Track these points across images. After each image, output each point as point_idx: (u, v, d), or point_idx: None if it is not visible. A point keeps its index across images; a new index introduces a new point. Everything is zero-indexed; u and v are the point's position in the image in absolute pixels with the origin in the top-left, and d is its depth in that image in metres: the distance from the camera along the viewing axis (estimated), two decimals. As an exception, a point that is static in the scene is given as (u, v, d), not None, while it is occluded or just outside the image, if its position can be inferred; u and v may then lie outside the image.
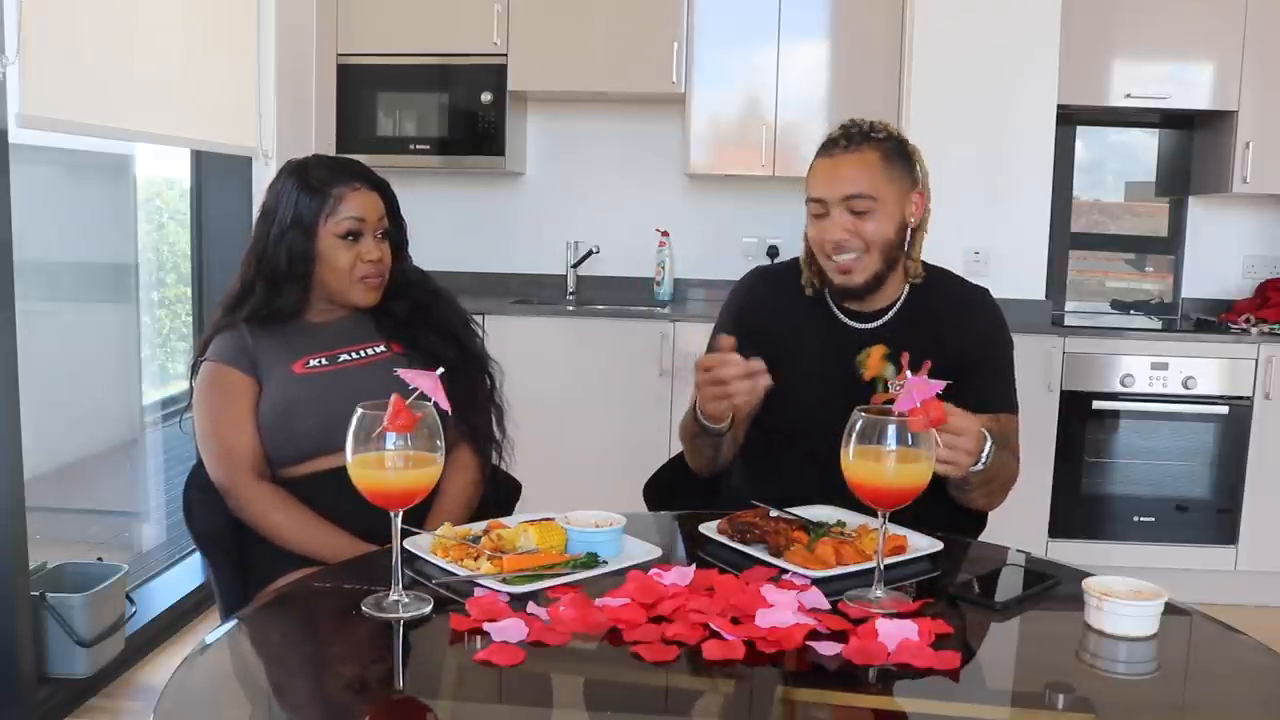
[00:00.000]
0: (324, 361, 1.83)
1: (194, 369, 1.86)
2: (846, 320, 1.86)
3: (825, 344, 1.84)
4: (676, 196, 4.28)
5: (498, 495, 1.95)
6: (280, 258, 1.80)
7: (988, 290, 1.92)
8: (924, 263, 1.86)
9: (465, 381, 1.85)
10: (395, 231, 1.90)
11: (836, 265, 1.77)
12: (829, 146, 1.80)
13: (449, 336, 1.91)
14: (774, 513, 1.57)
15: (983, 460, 1.61)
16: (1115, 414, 3.60)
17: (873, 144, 1.77)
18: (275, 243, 1.81)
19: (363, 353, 1.86)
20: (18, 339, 2.34)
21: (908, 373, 1.42)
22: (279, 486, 1.77)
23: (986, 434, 1.61)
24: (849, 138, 1.78)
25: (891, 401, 1.40)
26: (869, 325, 1.84)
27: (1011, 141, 3.59)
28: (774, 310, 1.90)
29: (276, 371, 1.81)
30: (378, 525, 1.33)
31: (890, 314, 1.85)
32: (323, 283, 1.84)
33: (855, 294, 1.81)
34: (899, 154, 1.79)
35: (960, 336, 1.81)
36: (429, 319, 1.92)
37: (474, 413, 1.89)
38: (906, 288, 1.86)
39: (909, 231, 1.80)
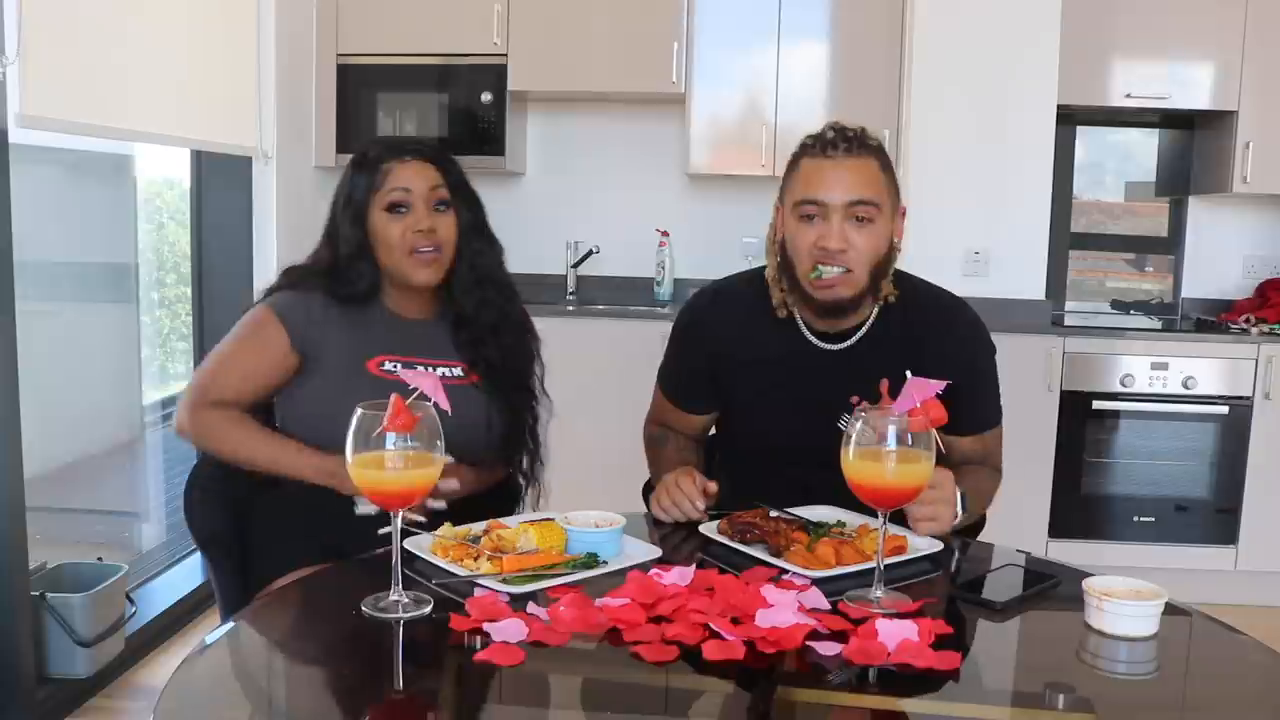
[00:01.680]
0: (399, 367, 1.76)
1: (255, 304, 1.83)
2: (815, 341, 1.77)
3: (792, 366, 1.77)
4: (676, 196, 4.28)
5: (499, 496, 1.95)
6: (340, 240, 1.78)
7: (963, 301, 1.83)
8: (896, 273, 1.76)
9: (510, 409, 1.85)
10: (465, 208, 1.82)
11: (819, 282, 1.67)
12: (826, 148, 1.66)
13: (515, 370, 1.87)
14: (774, 513, 1.57)
15: (959, 514, 1.60)
16: (1115, 414, 3.60)
17: (870, 152, 1.68)
18: (336, 227, 1.80)
19: (442, 370, 1.79)
20: (18, 339, 2.34)
21: (908, 374, 1.41)
22: (237, 410, 1.75)
23: (956, 489, 1.59)
24: (847, 141, 1.66)
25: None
26: (838, 346, 1.76)
27: (1011, 141, 3.58)
28: (735, 330, 1.82)
29: (343, 358, 1.76)
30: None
31: (860, 333, 1.75)
32: (385, 264, 1.79)
33: (836, 311, 1.71)
34: (889, 167, 1.71)
35: (938, 355, 1.67)
36: (501, 342, 1.86)
37: (512, 444, 1.88)
38: (877, 307, 1.76)
39: (893, 251, 1.72)
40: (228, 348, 1.79)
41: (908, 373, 1.41)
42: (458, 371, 1.82)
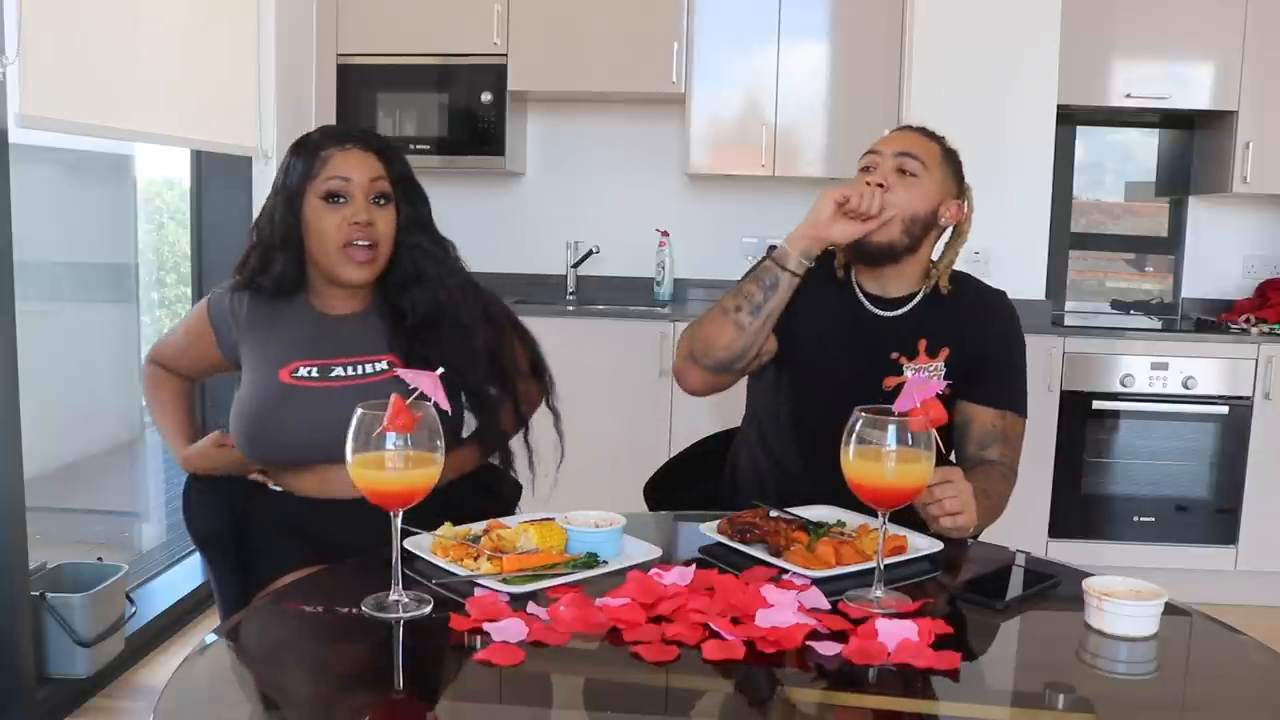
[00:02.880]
0: (314, 373, 1.70)
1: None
2: (870, 306, 1.87)
3: (846, 325, 1.86)
4: (676, 196, 4.28)
5: (498, 496, 1.95)
6: (271, 226, 1.70)
7: (1004, 293, 1.94)
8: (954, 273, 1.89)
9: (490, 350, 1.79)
10: (406, 202, 1.74)
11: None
12: (896, 128, 1.92)
13: (459, 361, 1.70)
14: (774, 513, 1.57)
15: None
16: (1115, 414, 3.60)
17: (936, 139, 1.87)
18: (268, 212, 1.71)
19: (359, 368, 1.72)
20: (18, 339, 2.34)
21: (925, 357, 1.43)
22: (170, 373, 1.89)
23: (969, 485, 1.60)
24: (918, 128, 1.89)
25: (900, 386, 1.41)
26: (892, 313, 1.86)
27: (1011, 141, 3.58)
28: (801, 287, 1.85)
29: (260, 367, 1.71)
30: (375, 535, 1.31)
31: (913, 303, 1.86)
32: (313, 256, 1.70)
33: (867, 253, 1.80)
34: (953, 162, 1.88)
35: (979, 337, 1.84)
36: (441, 335, 1.73)
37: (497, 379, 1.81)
38: (925, 287, 1.87)
39: (937, 232, 1.85)
40: (181, 324, 1.90)
41: (908, 373, 1.42)
42: (381, 365, 1.72)
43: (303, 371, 1.70)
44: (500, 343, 1.84)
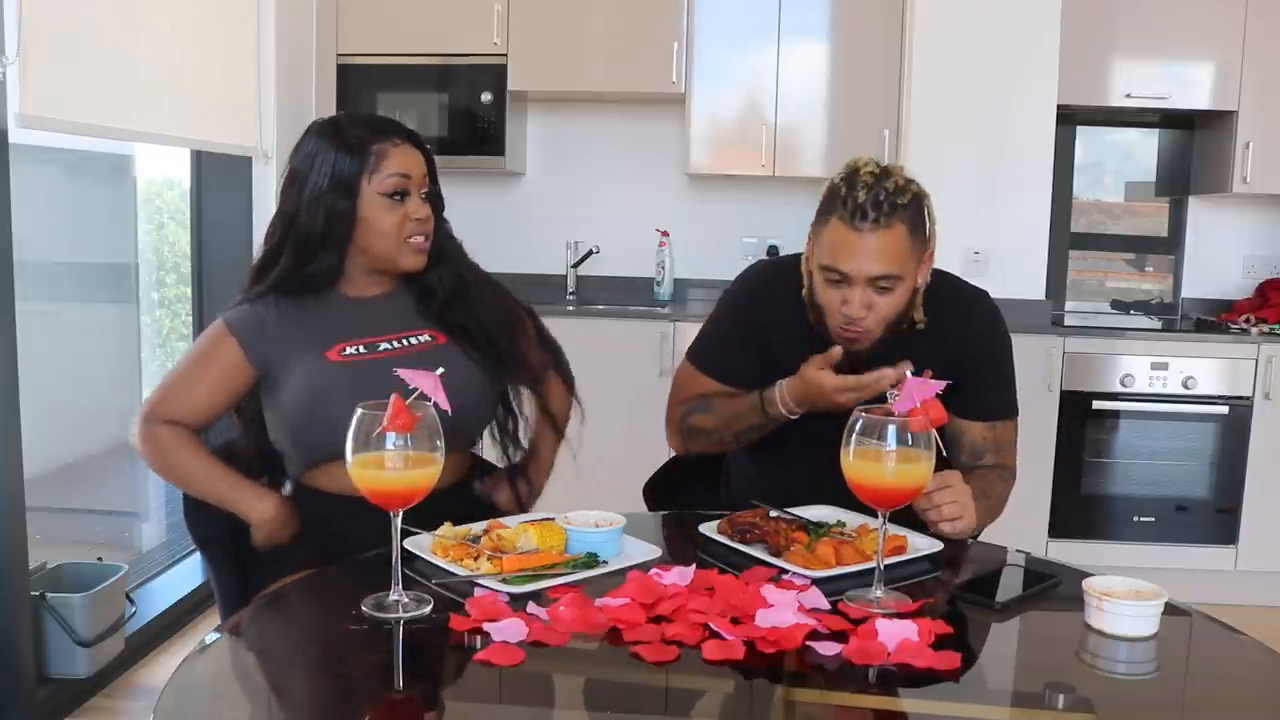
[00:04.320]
0: (362, 350, 1.71)
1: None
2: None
3: (820, 351, 1.79)
4: (676, 196, 4.28)
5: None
6: (317, 220, 1.68)
7: (986, 292, 1.90)
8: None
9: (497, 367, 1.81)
10: (438, 193, 1.80)
11: (843, 333, 1.72)
12: (855, 215, 1.65)
13: (492, 326, 1.80)
14: (774, 513, 1.57)
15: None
16: (1115, 414, 3.60)
17: (899, 215, 1.66)
18: (311, 205, 1.68)
19: (405, 341, 1.75)
20: (18, 339, 2.34)
21: (908, 374, 1.42)
22: (191, 433, 1.71)
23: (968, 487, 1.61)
24: (877, 209, 1.64)
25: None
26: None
27: (1011, 141, 3.58)
28: (774, 311, 1.87)
29: (305, 357, 1.69)
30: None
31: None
32: (365, 249, 1.71)
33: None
34: (919, 216, 1.71)
35: (959, 340, 1.79)
36: (471, 304, 1.80)
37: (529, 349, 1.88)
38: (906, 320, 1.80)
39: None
40: (183, 365, 1.75)
41: (907, 373, 1.42)
42: (425, 338, 1.77)
43: (350, 350, 1.72)
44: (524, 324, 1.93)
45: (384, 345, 1.74)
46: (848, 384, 1.66)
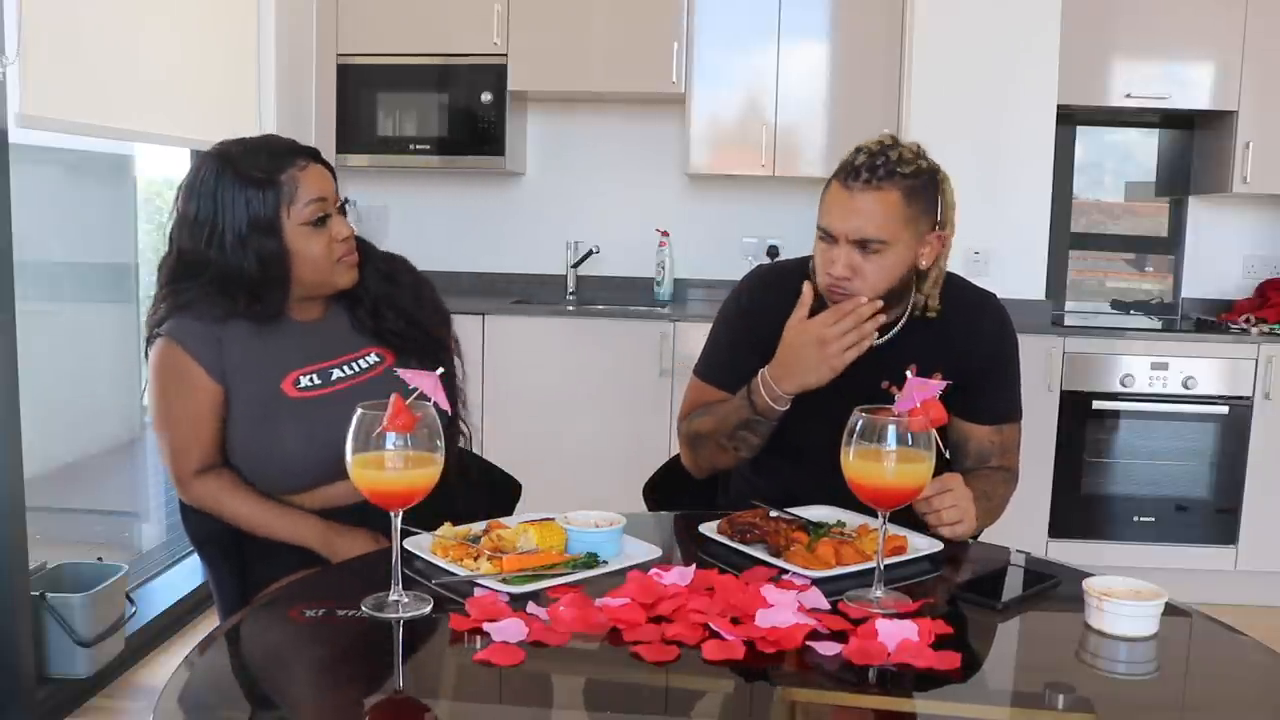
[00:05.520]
0: (316, 380, 1.71)
1: (150, 340, 1.70)
2: None
3: None
4: (676, 196, 4.28)
5: (495, 496, 1.95)
6: (250, 266, 1.65)
7: (994, 295, 1.88)
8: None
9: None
10: (343, 203, 1.78)
11: (832, 293, 1.70)
12: (849, 175, 1.65)
13: (412, 319, 1.80)
14: (774, 513, 1.57)
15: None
16: (1115, 414, 3.60)
17: (896, 181, 1.63)
18: (236, 251, 1.64)
19: (355, 365, 1.75)
20: (18, 339, 2.34)
21: (909, 374, 1.42)
22: (226, 471, 1.70)
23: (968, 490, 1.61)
24: (872, 171, 1.63)
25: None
26: (878, 341, 1.74)
27: (1011, 141, 3.58)
28: (777, 314, 1.83)
29: (259, 387, 1.69)
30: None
31: (898, 328, 1.78)
32: (299, 279, 1.70)
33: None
34: (924, 190, 1.67)
35: (967, 341, 1.78)
36: (395, 301, 1.80)
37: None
38: (916, 308, 1.79)
39: (919, 270, 1.73)
40: (168, 408, 1.69)
41: (908, 373, 1.42)
42: (373, 359, 1.76)
43: (305, 381, 1.71)
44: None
45: (336, 373, 1.73)
46: (826, 318, 1.64)
